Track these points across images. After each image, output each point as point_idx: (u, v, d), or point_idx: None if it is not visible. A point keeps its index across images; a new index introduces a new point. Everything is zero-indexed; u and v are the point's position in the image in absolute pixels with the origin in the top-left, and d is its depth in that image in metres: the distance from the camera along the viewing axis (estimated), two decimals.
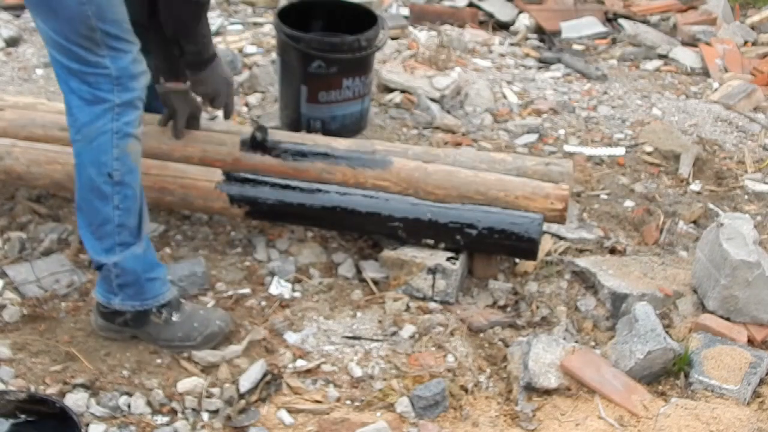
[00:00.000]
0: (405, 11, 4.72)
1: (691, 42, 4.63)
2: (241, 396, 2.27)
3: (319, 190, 2.70)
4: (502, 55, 4.34)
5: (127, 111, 2.25)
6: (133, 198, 2.31)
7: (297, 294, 2.65)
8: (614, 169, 3.42)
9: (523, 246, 2.63)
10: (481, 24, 4.71)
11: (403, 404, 2.27)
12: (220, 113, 3.10)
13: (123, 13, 2.23)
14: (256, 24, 4.47)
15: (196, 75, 2.62)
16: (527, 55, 4.39)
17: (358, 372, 2.37)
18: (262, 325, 2.50)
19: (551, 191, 2.69)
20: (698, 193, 3.33)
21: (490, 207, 2.66)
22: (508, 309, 2.68)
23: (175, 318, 2.39)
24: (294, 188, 2.70)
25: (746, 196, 3.33)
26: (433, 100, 3.73)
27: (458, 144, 3.44)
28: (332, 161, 2.77)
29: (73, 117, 2.25)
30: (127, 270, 2.31)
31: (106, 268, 2.32)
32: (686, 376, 2.40)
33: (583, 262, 2.79)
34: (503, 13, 4.77)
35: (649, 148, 3.55)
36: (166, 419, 2.21)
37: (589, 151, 3.50)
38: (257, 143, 2.78)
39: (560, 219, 2.71)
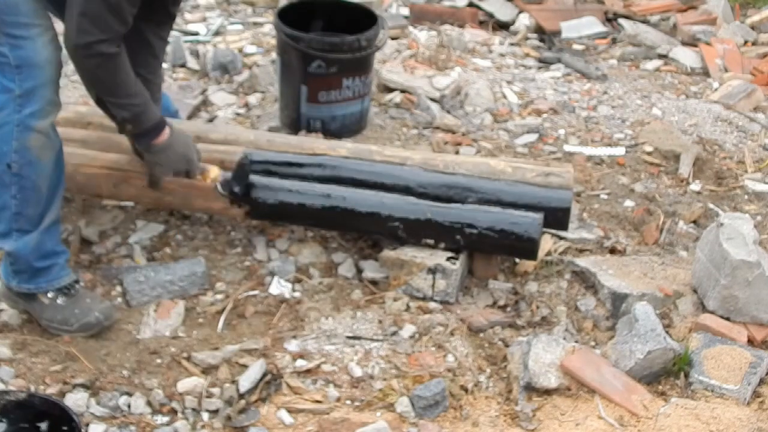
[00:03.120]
0: (405, 11, 4.72)
1: (691, 42, 4.63)
2: (241, 396, 2.27)
3: (320, 192, 2.69)
4: (502, 55, 4.34)
5: (30, 101, 2.23)
6: (32, 189, 2.32)
7: (297, 294, 2.65)
8: (614, 169, 3.42)
9: (523, 245, 2.63)
10: (481, 24, 4.71)
11: (403, 404, 2.27)
12: (220, 114, 3.08)
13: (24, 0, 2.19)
14: (256, 24, 4.47)
15: (145, 153, 2.51)
16: (527, 55, 4.39)
17: (358, 372, 2.37)
18: (266, 333, 2.50)
19: None
20: (698, 193, 3.33)
21: (490, 207, 2.66)
22: (508, 309, 2.68)
23: (60, 301, 2.44)
24: (293, 191, 2.69)
25: (746, 196, 3.33)
26: (433, 100, 3.73)
27: (458, 144, 3.44)
28: None
29: None
30: (21, 258, 2.38)
31: (5, 253, 2.40)
32: (686, 376, 2.40)
33: (583, 262, 2.79)
34: (503, 13, 4.77)
35: (649, 148, 3.55)
36: (166, 419, 2.21)
37: (589, 151, 3.50)
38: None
39: None
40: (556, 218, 2.72)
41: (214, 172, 2.60)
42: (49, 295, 2.43)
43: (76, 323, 2.43)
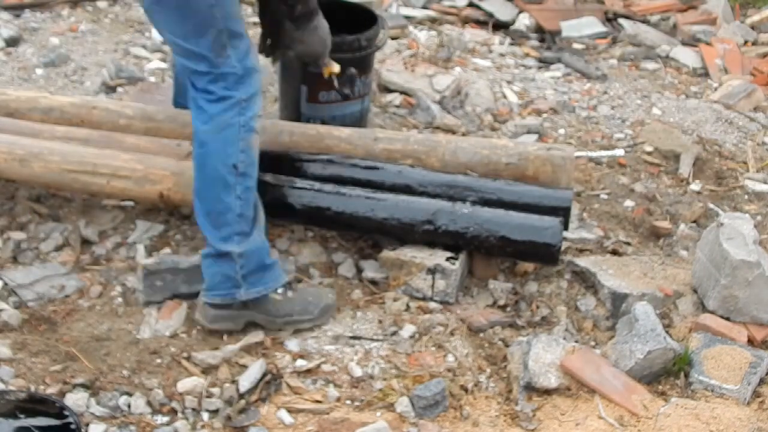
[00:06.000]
0: (405, 11, 4.72)
1: (691, 42, 4.63)
2: (241, 396, 2.27)
3: (343, 193, 2.71)
4: (502, 55, 4.33)
5: (251, 106, 2.37)
6: (252, 189, 2.42)
7: None
8: (614, 169, 3.42)
9: (541, 251, 2.63)
10: (481, 24, 4.71)
11: (403, 404, 2.27)
12: None
13: (240, 8, 2.34)
14: (256, 24, 4.46)
15: (300, 30, 2.62)
16: (527, 55, 4.38)
17: (358, 372, 2.37)
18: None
19: None
20: (698, 193, 3.33)
21: (511, 212, 2.67)
22: (508, 309, 2.68)
23: (290, 294, 2.49)
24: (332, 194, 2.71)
25: (746, 196, 3.33)
26: (432, 100, 3.73)
27: None
28: None
29: (201, 110, 2.36)
30: (252, 258, 2.41)
31: (230, 259, 2.39)
32: (686, 375, 2.40)
33: (583, 262, 2.79)
34: (503, 13, 4.76)
35: (649, 148, 3.55)
36: (166, 419, 2.21)
37: (590, 154, 3.50)
38: None
39: None
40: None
41: (336, 68, 2.82)
42: (279, 291, 2.47)
43: (316, 309, 2.49)
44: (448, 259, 2.63)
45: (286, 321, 2.46)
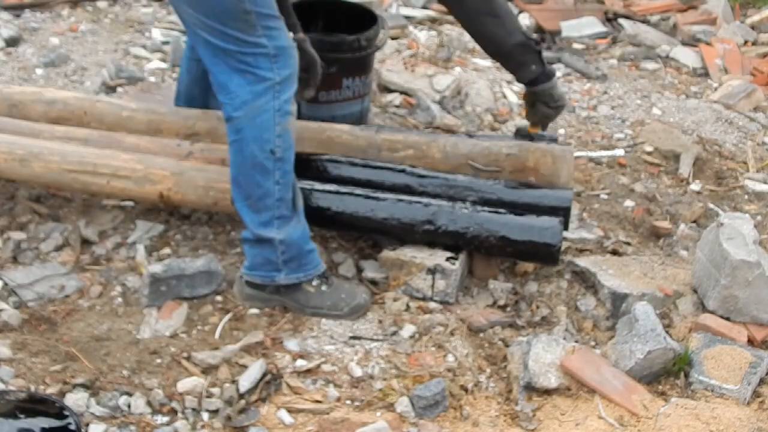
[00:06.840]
0: (405, 11, 4.72)
1: (691, 42, 4.63)
2: (241, 396, 2.27)
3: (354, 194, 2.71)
4: None
5: (286, 88, 2.36)
6: (290, 173, 2.43)
7: None
8: (614, 169, 3.42)
9: (541, 251, 2.63)
10: None
11: (403, 404, 2.27)
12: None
13: None
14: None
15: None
16: None
17: (358, 372, 2.37)
18: (266, 333, 2.50)
19: None
20: (698, 193, 3.33)
21: (509, 212, 2.67)
22: (508, 309, 2.68)
23: (324, 288, 2.51)
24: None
25: (746, 196, 3.33)
26: (433, 101, 3.73)
27: None
28: None
29: (232, 95, 2.34)
30: (293, 244, 2.45)
31: (271, 245, 2.43)
32: (686, 376, 2.40)
33: (583, 262, 2.79)
34: None
35: (649, 148, 3.55)
36: (166, 419, 2.21)
37: (589, 154, 3.50)
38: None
39: None
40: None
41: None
42: (314, 283, 2.51)
43: (347, 306, 2.52)
44: (448, 259, 2.63)
45: (314, 312, 2.51)
